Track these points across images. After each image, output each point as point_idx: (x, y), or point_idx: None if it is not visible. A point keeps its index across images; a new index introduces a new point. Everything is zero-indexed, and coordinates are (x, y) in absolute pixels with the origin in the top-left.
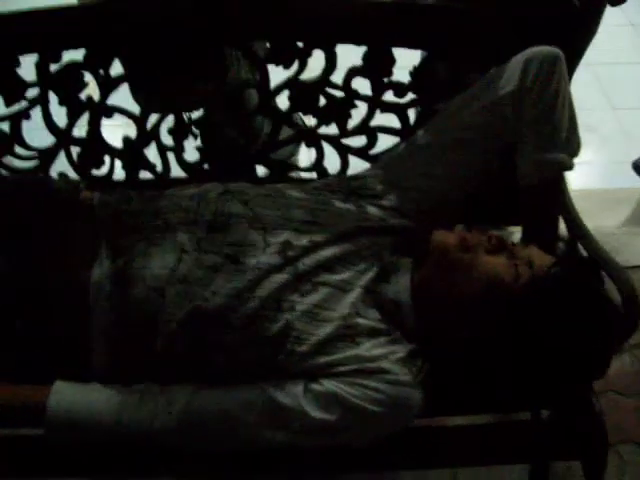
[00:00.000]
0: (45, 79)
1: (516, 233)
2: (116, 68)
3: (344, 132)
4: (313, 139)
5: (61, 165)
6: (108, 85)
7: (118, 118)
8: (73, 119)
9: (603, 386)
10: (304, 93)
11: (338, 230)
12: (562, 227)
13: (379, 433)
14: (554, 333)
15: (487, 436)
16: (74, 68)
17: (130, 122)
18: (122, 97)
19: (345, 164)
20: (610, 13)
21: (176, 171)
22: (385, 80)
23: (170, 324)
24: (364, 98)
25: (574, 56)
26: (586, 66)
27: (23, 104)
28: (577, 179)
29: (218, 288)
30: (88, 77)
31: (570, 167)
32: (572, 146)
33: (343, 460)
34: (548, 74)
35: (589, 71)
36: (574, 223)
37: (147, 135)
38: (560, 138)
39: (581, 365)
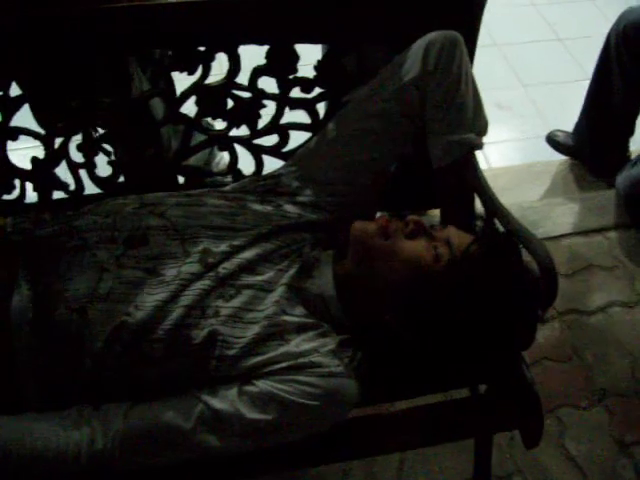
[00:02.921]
0: None
1: (437, 216)
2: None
3: (255, 133)
4: (225, 142)
5: None
6: (9, 106)
7: (26, 140)
8: None
9: (537, 355)
10: (211, 97)
11: (256, 232)
12: (479, 205)
13: (319, 426)
14: (478, 309)
15: (429, 417)
16: None
17: (38, 143)
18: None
19: (259, 164)
20: None
21: (90, 188)
22: (291, 77)
23: (95, 343)
24: (272, 97)
25: (472, 33)
26: (494, 47)
27: None
28: (496, 157)
29: (141, 302)
30: None
31: (479, 146)
32: (479, 125)
33: (291, 457)
34: (449, 57)
35: (497, 51)
36: (489, 200)
37: (56, 154)
38: (466, 118)
39: (507, 337)
